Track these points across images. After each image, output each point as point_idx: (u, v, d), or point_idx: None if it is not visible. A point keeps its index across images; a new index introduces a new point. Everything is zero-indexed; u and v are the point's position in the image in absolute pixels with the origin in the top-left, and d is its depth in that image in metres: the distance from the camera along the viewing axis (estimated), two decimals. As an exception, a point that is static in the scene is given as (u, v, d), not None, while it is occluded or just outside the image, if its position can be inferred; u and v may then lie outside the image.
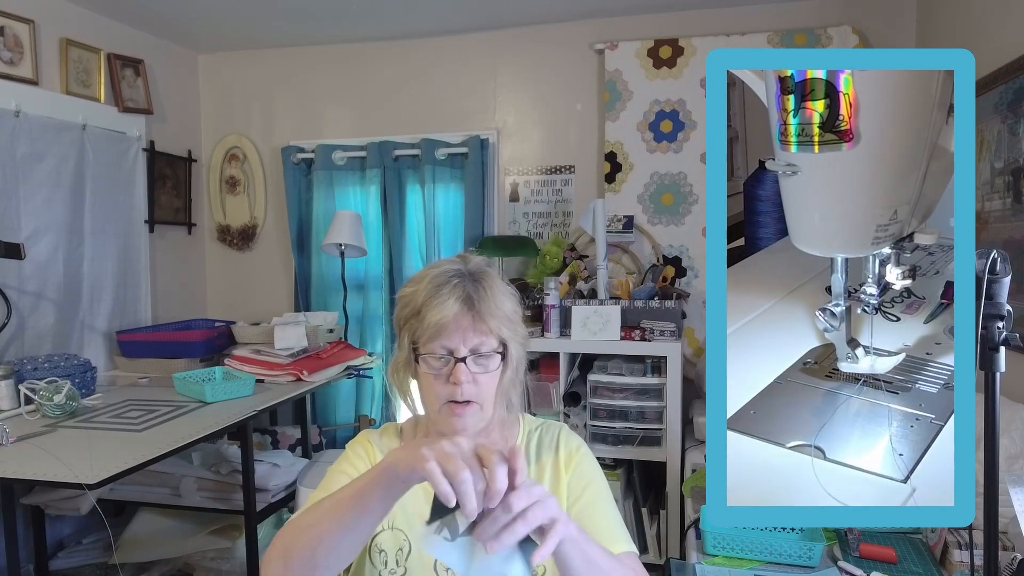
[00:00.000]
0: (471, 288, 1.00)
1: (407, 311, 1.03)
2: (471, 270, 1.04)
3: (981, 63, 1.41)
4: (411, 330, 1.02)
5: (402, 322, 1.04)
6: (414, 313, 1.01)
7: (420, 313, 1.00)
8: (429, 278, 1.02)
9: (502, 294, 1.03)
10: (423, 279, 1.03)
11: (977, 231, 1.92)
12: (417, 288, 1.02)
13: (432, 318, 0.98)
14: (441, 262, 1.07)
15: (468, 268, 1.04)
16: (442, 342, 0.99)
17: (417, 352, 1.01)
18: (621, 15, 3.11)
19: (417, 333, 1.00)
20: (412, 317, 1.01)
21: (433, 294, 0.99)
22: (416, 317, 1.00)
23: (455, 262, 1.06)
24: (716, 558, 1.53)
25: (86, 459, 1.80)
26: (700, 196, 3.04)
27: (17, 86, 2.61)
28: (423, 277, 1.04)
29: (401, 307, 1.05)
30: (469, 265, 1.05)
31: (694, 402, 2.83)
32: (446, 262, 1.06)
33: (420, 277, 1.05)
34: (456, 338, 0.99)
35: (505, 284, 1.06)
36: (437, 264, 1.07)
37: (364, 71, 3.45)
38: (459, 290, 1.00)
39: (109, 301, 3.02)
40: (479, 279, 1.02)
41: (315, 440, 3.33)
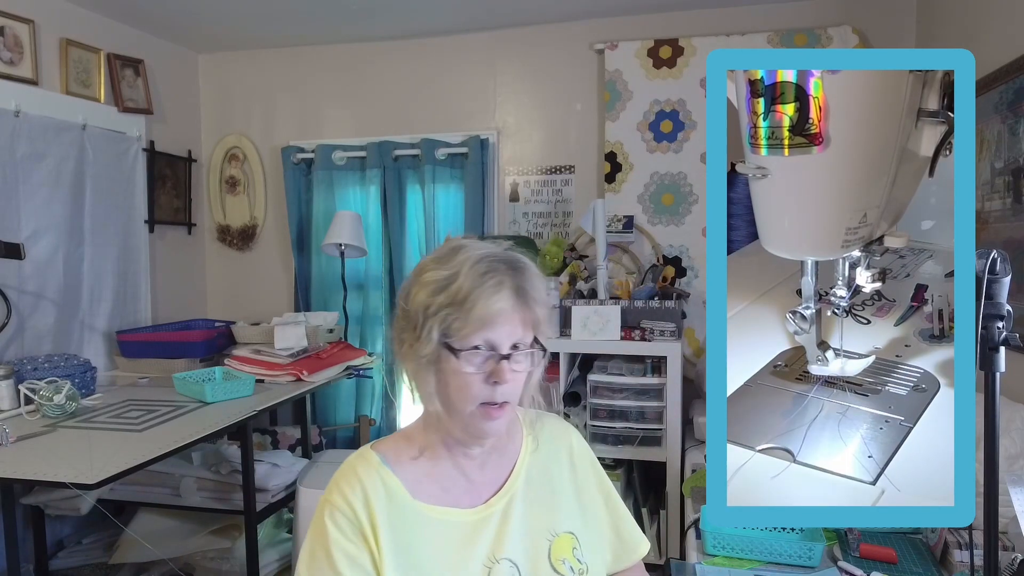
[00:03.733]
0: (517, 277, 0.90)
1: (442, 298, 0.88)
2: (511, 256, 0.92)
3: (981, 63, 1.41)
4: (445, 320, 0.88)
5: (430, 310, 0.88)
6: (453, 301, 0.87)
7: (464, 302, 0.86)
8: (470, 261, 0.89)
9: (541, 284, 0.93)
10: (458, 260, 0.89)
11: (977, 231, 1.92)
12: (455, 272, 0.88)
13: (481, 310, 0.86)
14: (469, 242, 0.94)
15: (506, 254, 0.92)
16: (486, 336, 0.88)
17: (452, 346, 0.88)
18: (621, 15, 3.11)
19: (456, 325, 0.87)
20: (449, 305, 0.87)
21: (480, 281, 0.87)
22: (456, 306, 0.87)
23: (488, 244, 0.93)
24: (716, 558, 1.53)
25: (86, 459, 1.80)
26: (700, 196, 3.04)
27: (17, 86, 2.61)
28: (456, 257, 0.90)
29: (429, 292, 0.89)
30: (504, 248, 0.93)
31: (694, 402, 2.83)
32: (476, 243, 0.93)
33: (449, 256, 0.91)
34: (502, 332, 0.88)
35: (538, 270, 0.95)
36: (465, 244, 0.93)
37: (364, 71, 3.45)
38: (508, 278, 0.89)
39: (109, 301, 3.02)
40: (522, 267, 0.91)
41: (315, 440, 3.33)
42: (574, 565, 0.98)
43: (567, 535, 1.00)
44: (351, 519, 0.89)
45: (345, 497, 0.90)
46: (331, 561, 0.87)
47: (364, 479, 0.92)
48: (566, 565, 0.97)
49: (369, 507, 0.90)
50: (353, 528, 0.89)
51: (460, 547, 0.93)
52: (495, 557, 0.94)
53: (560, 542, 0.99)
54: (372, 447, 0.99)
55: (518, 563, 0.95)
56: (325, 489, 0.94)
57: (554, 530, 0.99)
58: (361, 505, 0.90)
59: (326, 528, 0.89)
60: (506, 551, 0.94)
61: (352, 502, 0.90)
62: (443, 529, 0.93)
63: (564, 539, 0.99)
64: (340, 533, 0.88)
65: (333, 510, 0.90)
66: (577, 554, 0.99)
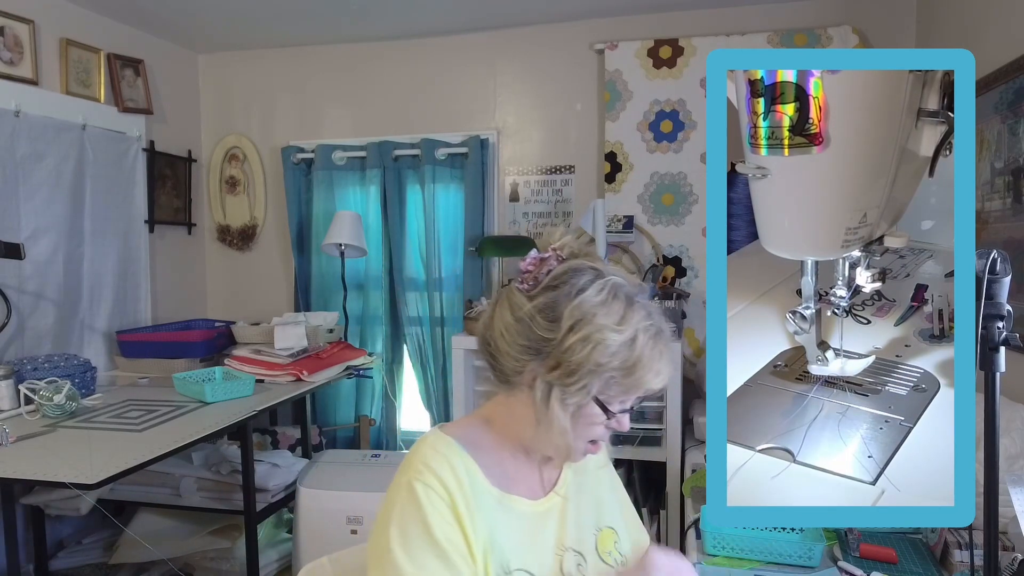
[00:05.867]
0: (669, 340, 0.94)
1: (614, 361, 0.89)
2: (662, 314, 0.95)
3: (981, 63, 1.41)
4: (608, 382, 0.90)
5: (594, 367, 0.88)
6: (624, 366, 0.89)
7: (635, 371, 0.89)
8: (643, 331, 0.90)
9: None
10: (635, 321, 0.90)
11: (977, 231, 1.92)
12: (633, 338, 0.89)
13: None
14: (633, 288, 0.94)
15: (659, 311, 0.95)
16: (637, 396, 0.93)
17: (606, 406, 0.91)
18: (621, 15, 3.11)
19: (616, 389, 0.91)
20: (619, 369, 0.89)
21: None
22: (626, 372, 0.89)
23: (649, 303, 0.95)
24: (716, 558, 1.52)
25: (86, 459, 1.80)
26: (700, 196, 3.04)
27: (17, 86, 2.61)
28: (632, 316, 0.91)
29: (606, 354, 0.88)
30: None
31: (694, 402, 2.83)
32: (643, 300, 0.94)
33: (625, 313, 0.90)
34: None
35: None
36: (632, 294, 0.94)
37: (364, 71, 3.45)
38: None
39: (109, 301, 3.02)
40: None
41: (315, 440, 3.33)
42: (617, 557, 1.05)
43: (609, 529, 1.07)
44: (443, 496, 0.88)
45: (436, 474, 0.89)
46: (430, 537, 0.86)
47: (451, 458, 0.92)
48: (611, 557, 1.04)
49: (461, 485, 0.90)
50: (446, 505, 0.88)
51: (534, 534, 0.97)
52: (563, 546, 0.99)
53: (604, 535, 1.05)
54: (443, 430, 0.98)
55: (583, 553, 1.01)
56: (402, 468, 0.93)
57: (599, 524, 1.06)
58: (454, 483, 0.89)
59: (420, 504, 0.87)
60: (570, 541, 1.00)
61: (444, 479, 0.89)
62: (517, 517, 0.96)
63: (607, 533, 1.06)
64: (434, 509, 0.87)
65: (426, 487, 0.88)
66: (619, 547, 1.06)
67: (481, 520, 0.91)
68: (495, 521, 0.92)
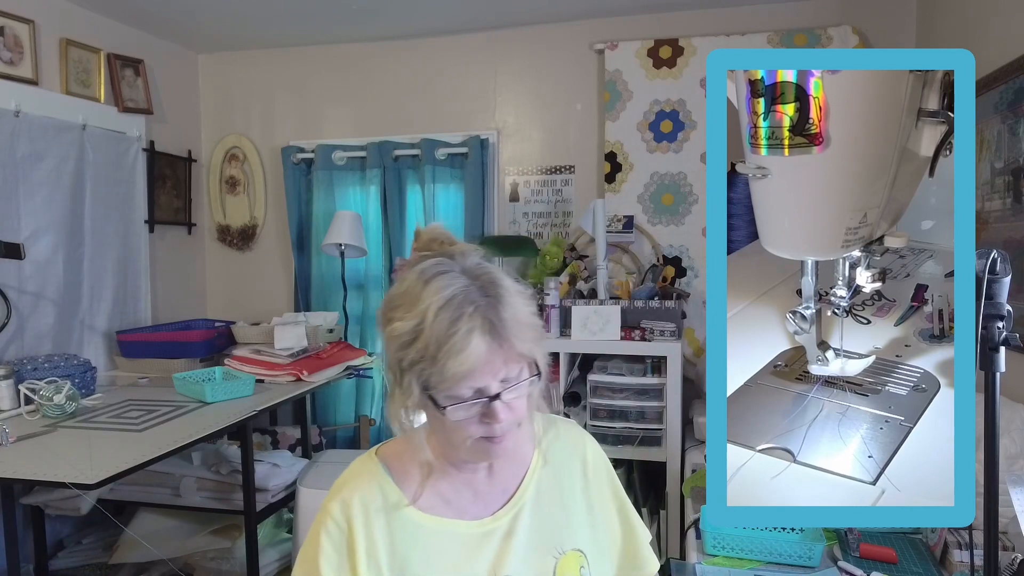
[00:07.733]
0: (490, 312, 0.80)
1: (412, 353, 0.80)
2: (481, 284, 0.82)
3: (981, 63, 1.41)
4: (422, 375, 0.81)
5: (404, 364, 0.82)
6: (424, 357, 0.79)
7: (436, 359, 0.78)
8: (434, 307, 0.79)
9: (522, 305, 0.84)
10: (422, 307, 0.80)
11: (977, 231, 1.92)
12: (420, 322, 0.79)
13: (454, 367, 0.78)
14: (433, 272, 0.82)
15: (476, 281, 0.82)
16: (469, 384, 0.80)
17: (436, 400, 0.82)
18: (621, 15, 3.11)
19: (433, 380, 0.80)
20: (421, 361, 0.80)
21: (448, 333, 0.78)
22: (428, 361, 0.79)
23: (456, 274, 0.82)
24: (716, 558, 1.53)
25: (86, 459, 1.80)
26: (700, 196, 3.04)
27: (17, 86, 2.61)
28: (420, 303, 0.80)
29: (398, 346, 0.82)
30: (474, 274, 0.83)
31: (694, 402, 2.83)
32: (441, 273, 0.82)
33: (413, 301, 0.81)
34: (487, 376, 0.81)
35: (516, 285, 0.86)
36: (429, 277, 0.82)
37: (364, 71, 3.45)
38: (478, 319, 0.79)
39: (109, 301, 3.02)
40: (494, 294, 0.81)
41: (315, 440, 3.33)
42: None
43: (575, 552, 0.95)
44: (341, 527, 0.88)
45: (343, 500, 0.89)
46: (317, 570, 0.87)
47: (364, 484, 0.91)
48: None
49: (367, 513, 0.88)
50: (343, 536, 0.88)
51: (460, 561, 0.90)
52: (496, 573, 0.90)
53: (567, 560, 0.94)
54: (377, 452, 0.96)
55: None
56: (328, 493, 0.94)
57: (562, 547, 0.95)
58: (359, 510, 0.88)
59: (319, 537, 0.89)
60: (508, 567, 0.91)
61: (349, 507, 0.89)
62: (444, 541, 0.90)
63: (571, 557, 0.95)
64: (330, 544, 0.88)
65: (328, 519, 0.89)
66: (584, 572, 0.95)
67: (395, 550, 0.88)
68: (413, 549, 0.88)
